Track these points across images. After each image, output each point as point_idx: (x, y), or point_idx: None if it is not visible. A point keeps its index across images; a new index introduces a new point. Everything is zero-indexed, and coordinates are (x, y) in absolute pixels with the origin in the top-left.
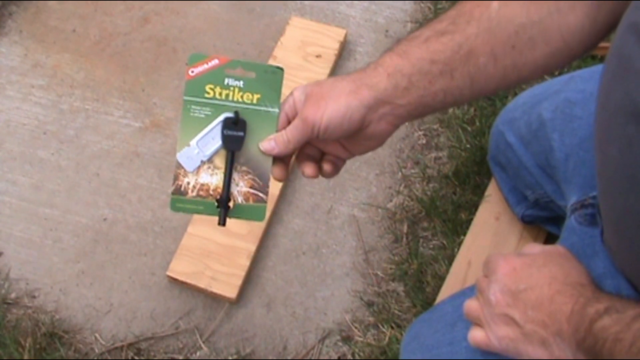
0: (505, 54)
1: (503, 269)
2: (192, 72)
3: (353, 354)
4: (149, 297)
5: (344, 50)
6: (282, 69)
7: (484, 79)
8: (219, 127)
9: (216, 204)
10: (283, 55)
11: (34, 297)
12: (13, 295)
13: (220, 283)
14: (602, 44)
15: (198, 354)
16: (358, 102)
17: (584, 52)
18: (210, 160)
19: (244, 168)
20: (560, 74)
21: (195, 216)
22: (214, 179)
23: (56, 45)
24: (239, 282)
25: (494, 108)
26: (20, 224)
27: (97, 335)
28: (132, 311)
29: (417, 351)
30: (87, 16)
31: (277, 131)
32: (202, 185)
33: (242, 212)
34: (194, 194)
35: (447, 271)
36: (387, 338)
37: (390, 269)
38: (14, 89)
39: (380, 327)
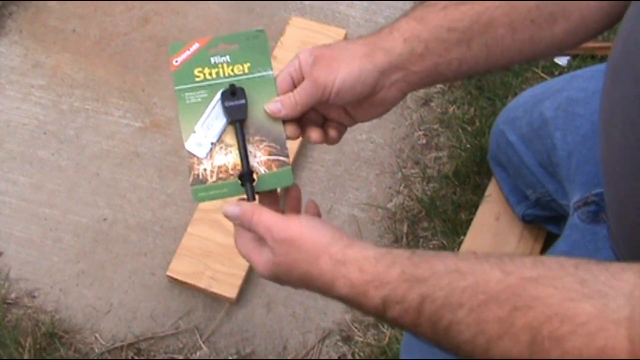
0: (524, 27)
1: (261, 276)
2: (177, 61)
3: (353, 354)
4: (149, 297)
5: None
6: (263, 30)
7: (500, 50)
8: (219, 104)
9: (239, 181)
10: (283, 55)
11: (34, 297)
12: (13, 295)
13: (220, 283)
14: (604, 44)
15: (198, 354)
16: (372, 65)
17: (600, 31)
18: (220, 140)
19: (256, 138)
20: (560, 73)
21: (195, 216)
22: (229, 158)
23: (56, 45)
24: (239, 282)
25: (494, 108)
26: (20, 224)
27: (97, 335)
28: (132, 311)
29: (416, 349)
30: (87, 16)
31: (278, 93)
32: (220, 167)
33: (269, 182)
34: (214, 178)
35: None
36: (387, 338)
37: None
38: (14, 89)
39: (380, 327)
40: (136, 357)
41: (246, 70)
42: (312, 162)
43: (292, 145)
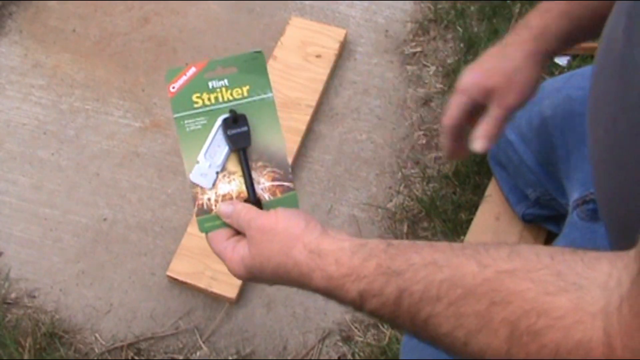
0: None
1: (233, 275)
2: (173, 87)
3: (353, 354)
4: (149, 297)
5: (344, 50)
6: (260, 52)
7: None
8: (220, 132)
9: None
10: (283, 55)
11: (34, 297)
12: (13, 295)
13: (220, 283)
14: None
15: (198, 354)
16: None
17: None
18: (223, 169)
19: (259, 163)
20: (560, 73)
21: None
22: (233, 186)
23: (56, 45)
24: (239, 282)
25: None
26: (20, 224)
27: (97, 335)
28: (132, 311)
29: (416, 347)
30: (87, 16)
31: (278, 117)
32: (224, 196)
33: (274, 208)
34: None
35: None
36: (387, 338)
37: None
38: (14, 89)
39: (380, 327)
40: (136, 357)
41: (245, 94)
42: (312, 162)
43: (292, 146)
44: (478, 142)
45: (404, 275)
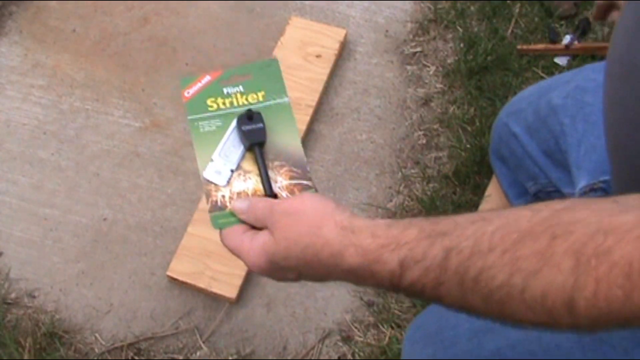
0: None
1: (252, 268)
2: (188, 93)
3: (353, 354)
4: (149, 297)
5: (344, 50)
6: (276, 59)
7: None
8: (235, 133)
9: None
10: (283, 55)
11: (34, 297)
12: (13, 295)
13: (220, 283)
14: (603, 44)
15: (198, 354)
16: None
17: None
18: (238, 167)
19: (276, 163)
20: (560, 72)
21: (195, 216)
22: (249, 184)
23: (56, 45)
24: (239, 282)
25: (494, 108)
26: (20, 224)
27: (97, 335)
28: (132, 311)
29: (420, 340)
30: (87, 16)
31: (295, 120)
32: (239, 193)
33: None
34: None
35: None
36: (387, 338)
37: None
38: (14, 89)
39: (380, 327)
40: (136, 357)
41: (261, 99)
42: (312, 162)
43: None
44: None
45: (450, 234)
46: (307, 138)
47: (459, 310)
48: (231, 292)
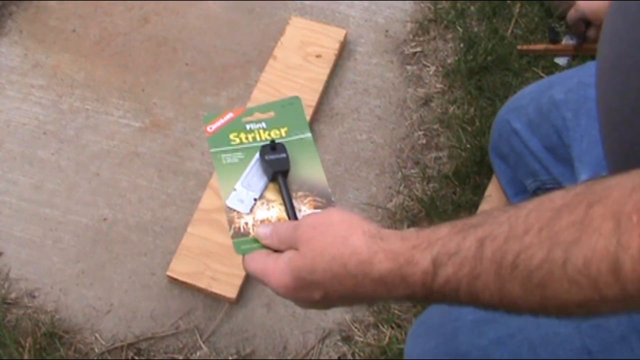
0: None
1: (278, 289)
2: (211, 128)
3: (353, 354)
4: (149, 297)
5: (344, 50)
6: (298, 97)
7: None
8: (259, 164)
9: None
10: (283, 55)
11: (34, 297)
12: (13, 295)
13: (220, 283)
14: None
15: (198, 354)
16: None
17: None
18: (261, 197)
19: (300, 193)
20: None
21: (195, 216)
22: (272, 212)
23: (56, 45)
24: (239, 282)
25: (494, 108)
26: (20, 224)
27: (97, 335)
28: (132, 311)
29: (423, 334)
30: (87, 16)
31: (319, 155)
32: (262, 221)
33: None
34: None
35: None
36: (387, 338)
37: None
38: (14, 89)
39: (380, 327)
40: (136, 357)
41: (283, 134)
42: None
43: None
44: None
45: (483, 225)
46: None
47: (498, 307)
48: (231, 292)
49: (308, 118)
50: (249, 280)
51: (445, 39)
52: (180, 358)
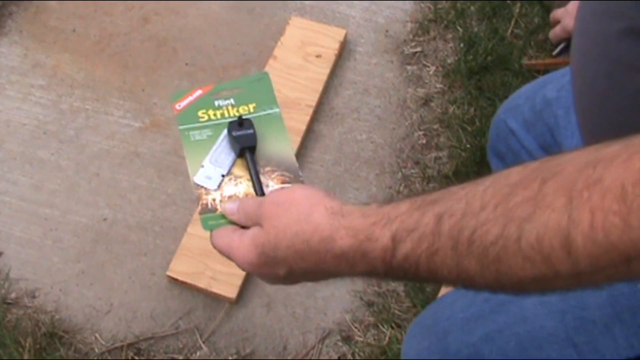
0: None
1: (243, 265)
2: (179, 106)
3: (353, 354)
4: (149, 297)
5: (344, 50)
6: (266, 73)
7: None
8: (227, 140)
9: None
10: (283, 55)
11: (34, 297)
12: (13, 295)
13: (220, 283)
14: None
15: (198, 354)
16: None
17: None
18: (229, 173)
19: (267, 168)
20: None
21: (196, 216)
22: (240, 188)
23: (56, 45)
24: (239, 282)
25: (494, 108)
26: (20, 224)
27: (97, 335)
28: (132, 311)
29: (417, 335)
30: (87, 16)
31: (286, 130)
32: (230, 197)
33: None
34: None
35: None
36: (387, 338)
37: None
38: (14, 89)
39: (380, 327)
40: (136, 357)
41: (252, 110)
42: (312, 162)
43: (292, 146)
44: None
45: (441, 201)
46: (307, 138)
47: (456, 282)
48: (231, 292)
49: (308, 117)
50: (249, 280)
51: (445, 39)
52: (180, 358)
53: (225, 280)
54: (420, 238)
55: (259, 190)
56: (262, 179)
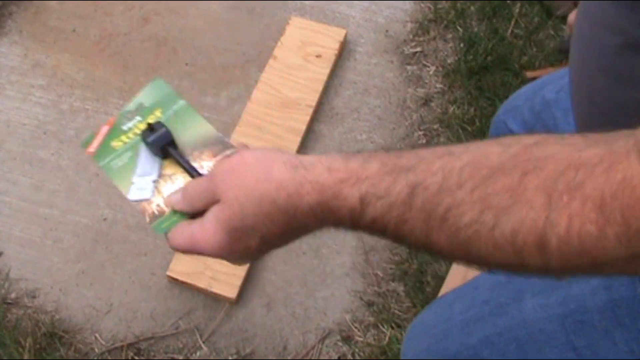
0: None
1: (213, 250)
2: (92, 148)
3: (353, 354)
4: (149, 297)
5: (344, 50)
6: (158, 77)
7: None
8: (146, 150)
9: None
10: (283, 55)
11: (34, 297)
12: (13, 295)
13: (220, 283)
14: None
15: (198, 354)
16: None
17: None
18: (160, 176)
19: (195, 153)
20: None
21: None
22: (178, 183)
23: (56, 45)
24: (239, 282)
25: (494, 108)
26: (20, 224)
27: (97, 335)
28: (132, 311)
29: (417, 336)
30: (87, 16)
31: (198, 114)
32: None
33: None
34: (170, 208)
35: (447, 271)
36: (387, 338)
37: (390, 269)
38: (14, 89)
39: (380, 327)
40: (136, 357)
41: (160, 115)
42: None
43: (292, 146)
44: None
45: (415, 169)
46: (307, 138)
47: (421, 249)
48: (231, 292)
49: (308, 117)
50: (249, 280)
51: (445, 39)
52: (180, 358)
53: (225, 280)
54: (390, 206)
55: (196, 173)
56: (194, 164)
